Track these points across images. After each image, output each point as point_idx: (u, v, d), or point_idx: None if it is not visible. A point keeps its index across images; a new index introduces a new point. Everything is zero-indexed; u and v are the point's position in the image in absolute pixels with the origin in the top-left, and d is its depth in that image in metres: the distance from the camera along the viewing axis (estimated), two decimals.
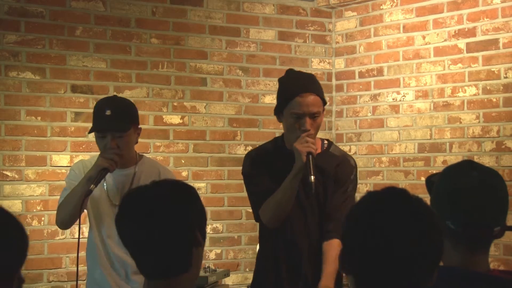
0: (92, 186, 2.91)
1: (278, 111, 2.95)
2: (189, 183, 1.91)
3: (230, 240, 4.81)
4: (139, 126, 3.12)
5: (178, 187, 1.83)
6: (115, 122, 2.99)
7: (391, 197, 1.61)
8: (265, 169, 2.98)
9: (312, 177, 2.74)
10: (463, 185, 1.77)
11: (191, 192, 1.83)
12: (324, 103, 2.94)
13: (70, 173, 3.18)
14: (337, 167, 2.98)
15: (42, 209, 4.33)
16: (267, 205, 2.93)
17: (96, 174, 2.94)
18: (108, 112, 2.99)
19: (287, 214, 2.90)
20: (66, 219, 3.05)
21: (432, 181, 1.93)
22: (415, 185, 4.67)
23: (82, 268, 4.36)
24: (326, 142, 3.06)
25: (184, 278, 1.76)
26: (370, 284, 1.54)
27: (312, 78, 3.00)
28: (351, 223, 1.60)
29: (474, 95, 4.51)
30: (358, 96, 5.06)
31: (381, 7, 4.94)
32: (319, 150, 2.96)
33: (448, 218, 1.76)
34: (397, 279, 1.52)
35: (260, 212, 2.97)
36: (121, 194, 3.03)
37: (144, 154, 3.28)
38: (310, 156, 2.78)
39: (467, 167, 1.83)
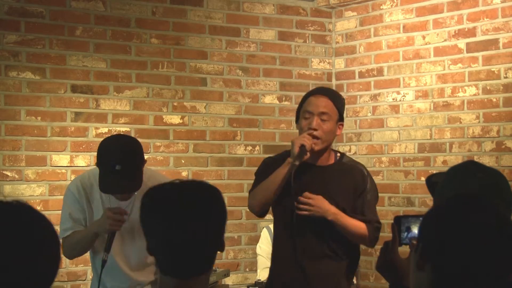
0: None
1: (297, 115, 3.12)
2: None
3: (230, 240, 4.80)
4: (145, 159, 3.00)
5: (214, 190, 1.79)
6: (127, 180, 2.81)
7: (479, 202, 1.57)
8: (270, 172, 3.08)
9: (297, 162, 2.93)
10: (469, 187, 1.77)
11: (222, 197, 1.81)
12: (340, 115, 3.09)
13: (69, 196, 3.08)
14: (348, 175, 3.10)
15: (42, 209, 4.32)
16: (254, 190, 3.11)
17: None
18: (118, 168, 2.78)
19: (266, 199, 3.04)
20: (73, 255, 3.19)
21: (433, 182, 1.92)
22: (415, 185, 4.67)
23: (82, 268, 4.37)
24: (339, 154, 3.20)
25: (202, 279, 1.76)
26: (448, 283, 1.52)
27: (334, 91, 3.27)
28: (432, 222, 1.56)
29: (474, 95, 4.51)
30: (358, 96, 5.06)
31: (381, 7, 4.94)
32: (332, 161, 3.11)
33: None
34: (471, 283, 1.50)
35: (249, 197, 3.15)
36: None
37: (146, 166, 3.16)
38: (304, 147, 2.94)
39: (472, 168, 1.83)
